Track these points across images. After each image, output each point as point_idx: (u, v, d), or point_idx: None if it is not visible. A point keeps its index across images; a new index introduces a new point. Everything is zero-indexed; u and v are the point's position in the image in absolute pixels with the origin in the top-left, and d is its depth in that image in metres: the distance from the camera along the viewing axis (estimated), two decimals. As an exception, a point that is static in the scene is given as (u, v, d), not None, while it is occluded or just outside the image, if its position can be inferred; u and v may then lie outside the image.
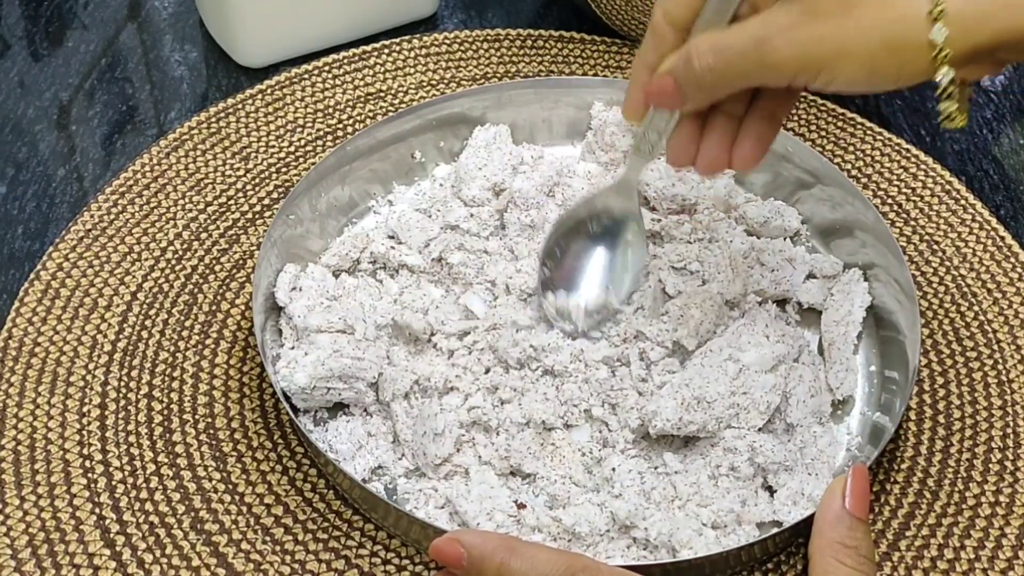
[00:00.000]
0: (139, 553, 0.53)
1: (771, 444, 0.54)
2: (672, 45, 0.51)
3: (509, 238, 0.63)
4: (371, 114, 0.74)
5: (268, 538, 0.54)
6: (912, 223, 0.69)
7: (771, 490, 0.55)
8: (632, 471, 0.54)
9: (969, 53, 0.44)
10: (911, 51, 0.44)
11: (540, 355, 0.57)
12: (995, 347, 0.63)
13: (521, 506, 0.53)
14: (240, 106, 0.73)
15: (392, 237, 0.64)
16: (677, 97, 0.51)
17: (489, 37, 0.79)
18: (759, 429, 0.55)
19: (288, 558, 0.53)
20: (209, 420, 0.58)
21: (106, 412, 0.58)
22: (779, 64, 0.46)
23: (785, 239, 0.65)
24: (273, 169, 0.70)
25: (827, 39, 0.45)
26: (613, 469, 0.54)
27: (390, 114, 0.71)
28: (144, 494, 0.55)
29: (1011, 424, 0.59)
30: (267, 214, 0.67)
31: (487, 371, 0.58)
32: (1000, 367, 0.62)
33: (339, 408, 0.57)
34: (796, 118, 0.75)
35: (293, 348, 0.57)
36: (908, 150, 0.73)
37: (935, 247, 0.68)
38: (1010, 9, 0.44)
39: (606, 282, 0.60)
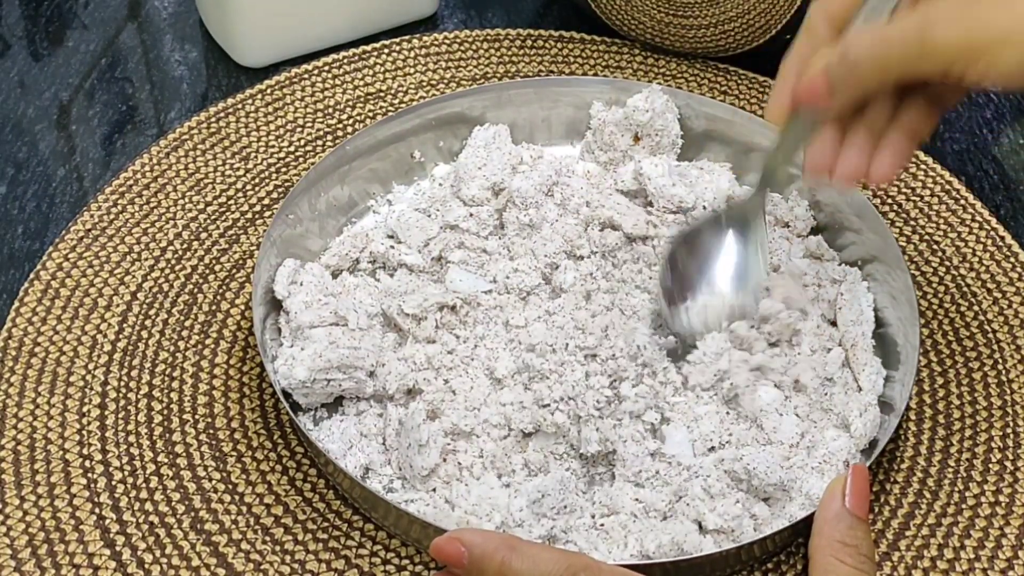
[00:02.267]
0: (139, 553, 0.53)
1: (768, 464, 0.53)
2: (826, 44, 0.51)
3: (508, 238, 0.63)
4: (371, 114, 0.74)
5: (268, 538, 0.54)
6: (912, 223, 0.69)
7: (767, 500, 0.54)
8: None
9: None
10: None
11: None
12: (995, 347, 0.63)
13: None
14: (240, 106, 0.73)
15: (391, 237, 0.64)
16: (827, 94, 0.50)
17: (489, 37, 0.79)
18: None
19: (288, 558, 0.53)
20: (209, 420, 0.58)
21: (106, 412, 0.58)
22: (939, 49, 0.46)
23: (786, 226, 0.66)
24: (273, 169, 0.70)
25: (991, 24, 0.45)
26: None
27: (390, 114, 0.71)
28: (144, 494, 0.55)
29: (1011, 424, 0.59)
30: (267, 214, 0.67)
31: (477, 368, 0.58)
32: (1000, 367, 0.62)
33: (337, 407, 0.57)
34: (796, 118, 0.75)
35: (291, 346, 0.57)
36: (908, 150, 0.73)
37: (935, 247, 0.68)
38: None
39: (734, 284, 0.58)
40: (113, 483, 0.55)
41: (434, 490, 0.54)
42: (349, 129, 0.73)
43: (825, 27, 0.52)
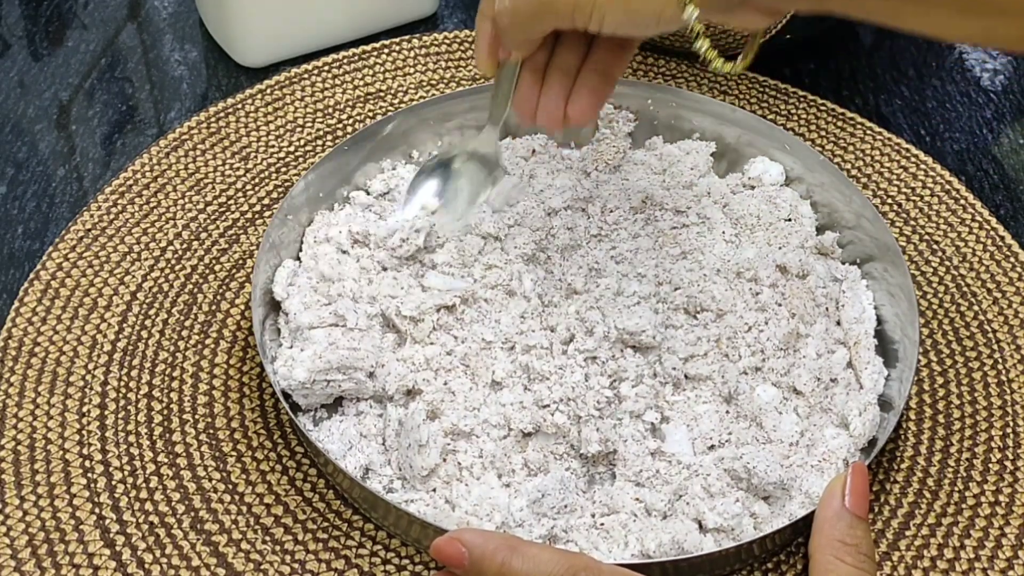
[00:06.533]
0: (139, 553, 0.53)
1: (768, 463, 0.53)
2: None
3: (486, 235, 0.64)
4: (371, 114, 0.74)
5: (268, 538, 0.54)
6: (912, 223, 0.69)
7: (767, 499, 0.54)
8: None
9: None
10: None
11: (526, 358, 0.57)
12: (995, 347, 0.63)
13: None
14: (240, 106, 0.73)
15: (377, 215, 0.65)
16: (499, 39, 0.55)
17: (489, 37, 0.79)
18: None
19: (288, 558, 0.53)
20: (209, 420, 0.58)
21: (106, 412, 0.58)
22: (557, 6, 0.50)
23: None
24: (273, 169, 0.70)
25: None
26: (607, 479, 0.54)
27: (390, 114, 0.71)
28: (144, 494, 0.55)
29: (1011, 424, 0.59)
30: (267, 214, 0.67)
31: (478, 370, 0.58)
32: (1000, 367, 0.62)
33: (337, 408, 0.57)
34: (796, 118, 0.75)
35: (291, 347, 0.57)
36: (908, 150, 0.73)
37: (935, 247, 0.68)
38: None
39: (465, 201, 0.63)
40: (113, 483, 0.55)
41: (434, 490, 0.54)
42: (349, 129, 0.73)
43: None
